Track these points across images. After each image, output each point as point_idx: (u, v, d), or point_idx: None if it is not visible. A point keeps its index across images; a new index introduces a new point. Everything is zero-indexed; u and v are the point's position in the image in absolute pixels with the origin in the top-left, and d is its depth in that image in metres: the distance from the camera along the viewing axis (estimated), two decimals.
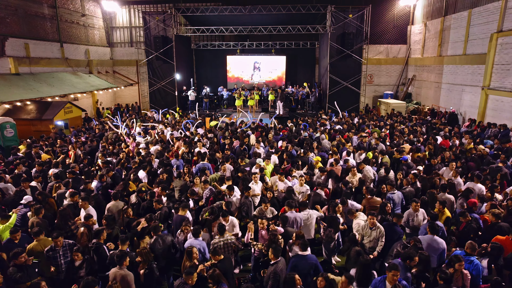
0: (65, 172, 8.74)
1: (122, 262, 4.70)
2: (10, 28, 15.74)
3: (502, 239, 5.45)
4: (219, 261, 4.94)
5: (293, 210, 6.30)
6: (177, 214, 6.33)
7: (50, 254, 5.14)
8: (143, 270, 5.04)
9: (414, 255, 4.59)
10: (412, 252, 4.64)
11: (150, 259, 4.98)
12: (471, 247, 4.92)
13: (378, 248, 5.57)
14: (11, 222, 6.14)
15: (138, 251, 4.95)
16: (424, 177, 8.26)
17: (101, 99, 22.28)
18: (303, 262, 4.91)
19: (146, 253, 4.95)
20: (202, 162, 9.00)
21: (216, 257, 4.94)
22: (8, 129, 13.24)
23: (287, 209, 6.34)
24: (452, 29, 17.42)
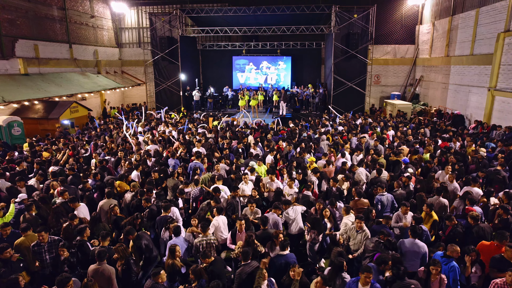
0: (64, 170, 9.01)
1: (102, 258, 4.81)
2: (20, 30, 16.24)
3: (487, 245, 5.34)
4: (210, 263, 4.99)
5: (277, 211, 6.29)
6: (162, 215, 6.43)
7: (35, 249, 5.30)
8: (120, 266, 5.13)
9: (388, 260, 4.56)
10: (386, 256, 4.62)
11: (127, 254, 5.08)
12: (452, 250, 4.85)
13: (360, 250, 5.54)
14: (11, 212, 6.41)
15: (115, 248, 5.06)
16: (421, 179, 8.14)
17: (109, 99, 22.72)
18: (282, 262, 4.93)
19: (123, 250, 5.05)
20: (195, 161, 9.09)
21: (207, 259, 4.98)
22: (15, 128, 13.66)
23: (273, 210, 6.35)
24: (459, 28, 17.06)
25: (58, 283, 4.18)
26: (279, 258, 4.99)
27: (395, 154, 9.46)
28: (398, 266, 4.37)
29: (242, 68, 23.77)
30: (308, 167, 9.06)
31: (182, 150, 10.90)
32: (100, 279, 4.73)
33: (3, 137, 13.04)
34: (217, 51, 23.40)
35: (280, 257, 5.02)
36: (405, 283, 4.26)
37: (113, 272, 4.86)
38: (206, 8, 18.98)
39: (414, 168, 8.84)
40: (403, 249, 5.30)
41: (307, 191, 7.40)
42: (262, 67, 23.59)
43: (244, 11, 18.24)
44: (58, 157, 9.82)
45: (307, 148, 10.26)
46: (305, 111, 20.04)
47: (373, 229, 5.92)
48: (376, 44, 22.33)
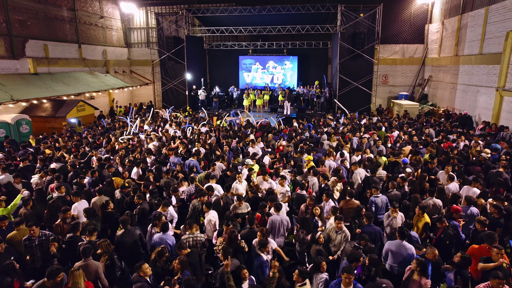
0: (65, 166, 9.21)
1: (87, 254, 4.89)
2: (31, 30, 16.67)
3: (476, 248, 5.21)
4: (186, 255, 5.04)
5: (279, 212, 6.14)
6: (155, 211, 6.50)
7: (27, 243, 5.44)
8: (104, 261, 5.21)
9: (360, 256, 4.52)
10: (357, 253, 4.57)
11: (110, 250, 5.15)
12: (429, 253, 4.76)
13: (339, 252, 5.49)
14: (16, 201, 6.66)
15: (98, 243, 5.14)
16: (414, 180, 8.01)
17: (117, 98, 23.08)
18: (260, 259, 4.94)
19: (106, 245, 5.13)
20: (190, 159, 9.16)
21: (182, 251, 5.04)
22: (23, 126, 14.05)
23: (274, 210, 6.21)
24: (469, 27, 16.66)
25: (48, 274, 4.32)
26: (258, 256, 4.98)
27: (394, 155, 9.32)
28: (370, 267, 4.33)
29: (249, 68, 23.80)
30: (306, 166, 9.04)
31: (183, 149, 10.99)
32: (86, 275, 4.81)
33: (12, 134, 13.42)
34: (224, 51, 23.49)
35: (258, 255, 5.00)
36: (376, 283, 4.21)
37: (99, 266, 4.94)
38: (212, 8, 19.08)
39: (413, 168, 8.70)
40: (390, 250, 5.22)
41: (302, 191, 7.37)
42: (269, 66, 23.57)
43: (249, 11, 18.26)
44: (58, 154, 10.03)
45: (305, 148, 10.19)
46: (310, 111, 19.92)
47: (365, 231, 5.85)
48: (384, 44, 22.04)
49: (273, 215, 6.09)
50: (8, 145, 11.72)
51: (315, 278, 4.62)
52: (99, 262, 5.00)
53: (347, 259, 4.69)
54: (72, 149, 11.18)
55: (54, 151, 10.63)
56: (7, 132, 13.26)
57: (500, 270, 4.37)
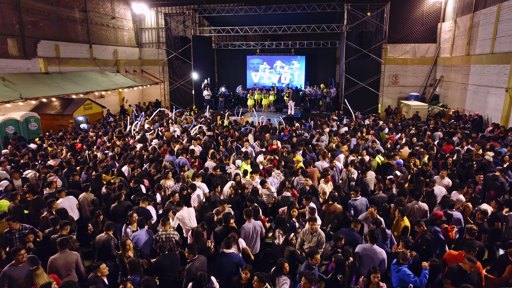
0: (63, 163, 9.50)
1: (64, 246, 5.01)
2: (43, 31, 17.27)
3: (455, 255, 5.01)
4: (163, 255, 5.09)
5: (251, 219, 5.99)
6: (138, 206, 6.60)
7: (7, 236, 5.65)
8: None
9: (316, 253, 4.44)
10: (314, 249, 4.49)
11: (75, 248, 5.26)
12: (403, 256, 4.60)
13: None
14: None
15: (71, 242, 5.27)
16: (401, 183, 7.79)
17: (127, 97, 23.59)
18: (226, 260, 4.92)
19: (73, 242, 5.25)
20: (180, 157, 9.25)
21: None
22: (32, 123, 14.57)
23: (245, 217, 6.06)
24: (481, 25, 16.06)
25: (12, 251, 4.55)
26: (222, 257, 4.96)
27: (388, 156, 9.09)
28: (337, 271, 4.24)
29: (256, 68, 23.80)
30: (295, 166, 8.96)
31: (179, 147, 11.11)
32: (64, 266, 4.92)
33: (21, 131, 13.95)
34: (232, 51, 23.59)
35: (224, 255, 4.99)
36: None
37: (78, 256, 5.05)
38: (218, 8, 19.19)
39: (407, 171, 8.47)
40: (360, 254, 5.11)
41: (286, 192, 7.31)
42: (276, 66, 23.49)
43: (255, 11, 18.25)
44: (58, 150, 10.34)
45: (299, 149, 10.10)
46: (316, 111, 19.72)
47: (342, 232, 5.75)
48: (394, 43, 21.56)
49: (245, 223, 5.93)
50: (14, 142, 12.19)
51: (278, 281, 4.57)
52: (76, 252, 5.11)
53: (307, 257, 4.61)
54: (76, 145, 11.52)
55: (56, 148, 10.96)
56: (16, 129, 13.78)
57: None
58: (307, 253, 4.62)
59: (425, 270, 4.50)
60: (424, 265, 4.58)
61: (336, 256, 4.60)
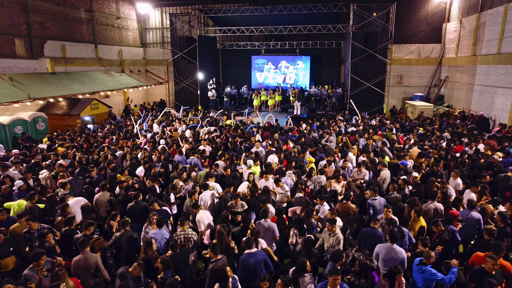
0: (73, 163, 9.53)
1: (84, 246, 5.05)
2: (49, 31, 17.29)
3: (481, 256, 4.94)
4: (174, 254, 5.13)
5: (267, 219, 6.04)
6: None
7: (26, 236, 5.68)
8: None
9: (342, 257, 4.46)
10: (340, 252, 4.51)
11: (104, 247, 5.30)
12: (427, 256, 4.62)
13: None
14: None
15: (92, 241, 5.29)
16: (419, 183, 7.81)
17: (132, 97, 23.61)
18: (251, 259, 4.95)
19: (100, 243, 5.28)
20: (191, 157, 9.28)
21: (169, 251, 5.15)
22: (40, 123, 14.61)
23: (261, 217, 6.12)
24: (487, 26, 16.07)
25: (32, 256, 4.56)
26: (247, 257, 4.98)
27: (398, 157, 9.12)
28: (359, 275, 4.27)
29: (261, 68, 23.83)
30: (307, 166, 8.99)
31: (188, 145, 11.16)
32: (85, 268, 4.95)
33: (29, 131, 13.98)
34: (237, 51, 23.61)
35: (248, 255, 5.00)
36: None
37: (98, 258, 5.07)
38: (224, 8, 19.22)
39: (416, 171, 8.48)
40: (380, 254, 5.13)
41: (299, 193, 7.33)
42: (281, 66, 23.53)
43: (261, 11, 18.28)
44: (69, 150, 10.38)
45: (306, 149, 10.11)
46: (321, 111, 19.75)
47: (363, 232, 5.77)
48: (399, 44, 21.57)
49: (261, 220, 5.99)
50: (23, 142, 12.22)
51: (302, 281, 4.58)
52: (96, 254, 5.14)
53: (331, 260, 4.64)
54: (84, 145, 11.56)
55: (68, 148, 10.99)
56: (24, 129, 13.82)
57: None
58: (332, 257, 4.63)
59: (454, 269, 4.52)
60: (454, 263, 4.58)
61: (360, 260, 4.62)
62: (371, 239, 5.31)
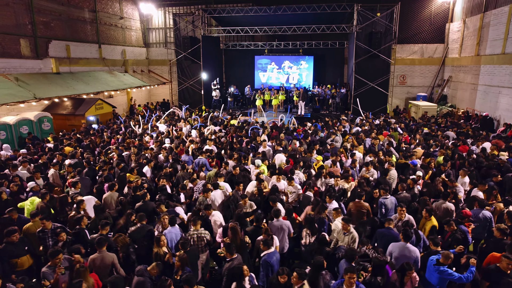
0: (80, 162, 9.56)
1: (101, 245, 5.08)
2: (54, 31, 17.32)
3: (498, 257, 4.94)
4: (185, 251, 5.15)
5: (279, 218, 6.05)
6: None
7: (40, 235, 5.70)
8: (121, 254, 5.40)
9: (356, 255, 4.48)
10: (354, 251, 4.53)
11: (126, 243, 5.33)
12: (445, 257, 4.63)
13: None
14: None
15: (114, 238, 5.33)
16: (429, 182, 7.83)
17: (135, 97, 23.64)
18: (273, 258, 5.00)
19: (122, 239, 5.31)
20: (199, 157, 9.31)
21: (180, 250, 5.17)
22: (45, 123, 14.64)
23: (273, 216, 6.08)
24: (491, 26, 16.10)
25: (50, 254, 4.61)
26: (270, 256, 5.01)
27: (405, 157, 9.15)
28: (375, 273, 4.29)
29: (264, 68, 23.86)
30: (315, 166, 9.02)
31: (195, 145, 11.18)
32: (102, 267, 4.98)
33: (34, 131, 14.00)
34: (240, 51, 23.64)
35: (272, 254, 5.04)
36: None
37: (114, 257, 5.10)
38: (228, 8, 19.24)
39: (424, 171, 8.52)
40: (394, 253, 5.15)
41: (309, 192, 7.35)
42: (284, 66, 23.55)
43: (265, 11, 18.31)
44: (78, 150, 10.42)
45: (315, 149, 10.13)
46: (325, 111, 19.77)
47: (379, 233, 5.80)
48: (402, 44, 21.61)
49: (274, 220, 6.00)
50: (30, 141, 12.25)
51: (323, 278, 4.60)
52: (113, 254, 5.17)
53: (345, 258, 4.66)
54: (90, 145, 11.59)
55: (74, 148, 11.02)
56: (30, 129, 13.85)
57: None
58: (346, 255, 4.66)
59: (473, 268, 4.54)
60: (472, 262, 4.60)
61: (374, 258, 4.65)
62: (387, 240, 5.33)
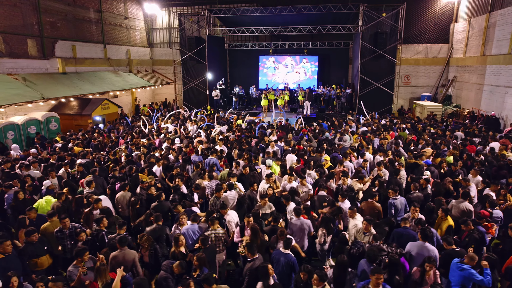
0: (91, 162, 9.58)
1: (123, 244, 5.10)
2: (60, 31, 17.35)
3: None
4: (203, 249, 5.19)
5: (300, 217, 6.09)
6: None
7: (58, 235, 5.73)
8: (147, 252, 5.42)
9: (378, 256, 4.51)
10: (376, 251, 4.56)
11: (151, 241, 5.38)
12: (469, 258, 4.63)
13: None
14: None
15: (140, 236, 5.38)
16: (438, 182, 7.86)
17: (139, 97, 23.66)
18: (281, 259, 5.00)
19: (147, 238, 5.35)
20: (210, 157, 9.33)
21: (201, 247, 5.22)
22: (52, 123, 14.67)
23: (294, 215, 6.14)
24: (497, 26, 16.12)
25: (76, 252, 4.67)
26: (280, 255, 5.04)
27: (415, 157, 9.17)
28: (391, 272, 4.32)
29: (269, 68, 23.86)
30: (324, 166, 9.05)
31: (205, 144, 11.21)
32: (122, 264, 4.95)
33: (42, 131, 14.04)
34: (244, 51, 23.66)
35: (281, 254, 5.06)
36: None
37: (136, 255, 5.15)
38: (233, 9, 19.27)
39: (435, 170, 8.55)
40: (412, 252, 5.18)
41: (322, 191, 7.38)
42: (288, 66, 23.54)
43: (270, 11, 18.34)
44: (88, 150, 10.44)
45: (323, 149, 10.15)
46: (330, 111, 19.80)
47: (396, 232, 5.80)
48: (406, 44, 21.61)
49: (293, 219, 6.06)
50: (39, 141, 12.28)
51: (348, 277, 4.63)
52: (134, 251, 5.20)
53: (367, 259, 4.68)
54: (99, 145, 11.62)
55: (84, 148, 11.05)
56: (38, 128, 13.88)
57: None
58: (368, 256, 4.68)
59: (487, 270, 4.56)
60: (484, 264, 4.63)
61: (390, 256, 4.67)
62: (405, 239, 5.35)
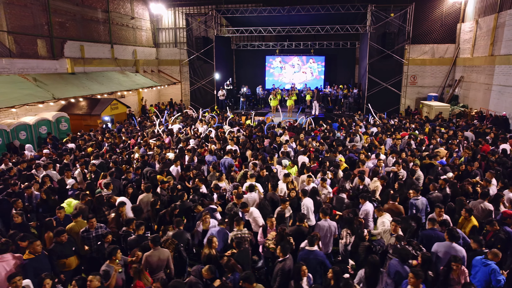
0: (106, 163, 9.60)
1: (157, 243, 5.11)
2: (69, 32, 17.38)
3: None
4: (237, 252, 5.21)
5: (327, 218, 6.08)
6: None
7: (84, 235, 5.75)
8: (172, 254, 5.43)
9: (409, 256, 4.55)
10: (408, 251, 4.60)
11: (175, 244, 5.39)
12: (493, 254, 4.68)
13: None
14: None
15: (163, 240, 5.39)
16: (455, 183, 7.87)
17: (146, 97, 23.69)
18: (310, 257, 5.01)
19: (171, 242, 5.37)
20: (225, 157, 9.35)
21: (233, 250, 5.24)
22: (63, 123, 14.71)
23: (321, 216, 6.15)
24: (506, 26, 16.13)
25: (109, 252, 4.72)
26: (307, 254, 5.06)
27: (430, 157, 9.19)
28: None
29: (275, 68, 23.88)
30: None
31: (218, 145, 11.24)
32: (157, 263, 5.03)
33: (52, 131, 14.07)
34: (251, 51, 23.68)
35: (308, 252, 5.08)
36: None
37: (169, 254, 5.18)
38: (241, 9, 19.29)
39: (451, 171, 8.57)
40: (439, 252, 5.19)
41: (342, 194, 7.40)
42: (295, 67, 23.56)
43: (278, 11, 18.36)
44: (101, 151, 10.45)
45: (337, 149, 10.17)
46: (338, 112, 19.82)
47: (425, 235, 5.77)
48: (413, 44, 21.60)
49: (321, 221, 6.06)
50: (51, 142, 12.31)
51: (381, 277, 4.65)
52: (167, 250, 5.22)
53: (400, 260, 4.70)
54: (112, 145, 11.65)
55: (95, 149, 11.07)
56: (49, 129, 13.91)
57: None
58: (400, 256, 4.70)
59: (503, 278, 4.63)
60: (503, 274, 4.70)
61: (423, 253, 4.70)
62: (435, 242, 5.34)
